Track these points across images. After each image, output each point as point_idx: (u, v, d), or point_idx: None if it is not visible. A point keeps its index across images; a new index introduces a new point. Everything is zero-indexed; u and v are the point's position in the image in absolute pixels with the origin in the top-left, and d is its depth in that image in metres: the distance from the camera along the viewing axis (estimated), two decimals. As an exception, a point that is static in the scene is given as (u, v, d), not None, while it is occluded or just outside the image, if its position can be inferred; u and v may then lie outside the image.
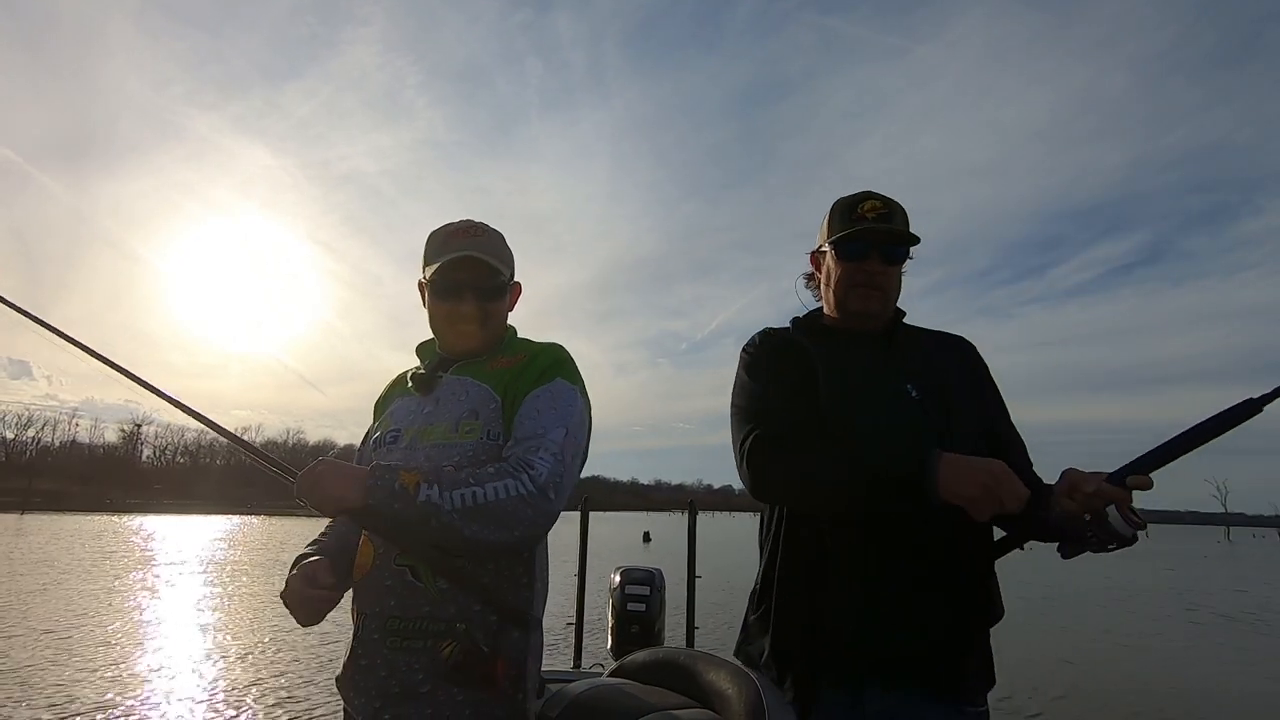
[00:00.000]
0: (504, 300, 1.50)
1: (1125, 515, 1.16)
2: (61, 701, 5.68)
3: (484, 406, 1.37)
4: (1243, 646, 9.99)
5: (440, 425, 1.37)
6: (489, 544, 1.20)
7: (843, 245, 1.51)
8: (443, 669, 1.22)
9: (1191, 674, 8.11)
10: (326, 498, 1.20)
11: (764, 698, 1.09)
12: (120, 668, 6.89)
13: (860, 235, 1.49)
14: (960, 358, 1.57)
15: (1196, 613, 13.35)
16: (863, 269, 1.49)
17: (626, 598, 3.35)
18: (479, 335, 1.46)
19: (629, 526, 48.04)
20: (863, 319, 1.54)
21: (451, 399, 1.40)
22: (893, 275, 1.52)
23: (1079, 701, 6.74)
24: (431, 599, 1.25)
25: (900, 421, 1.40)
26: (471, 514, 1.18)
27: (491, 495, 1.19)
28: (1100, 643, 9.80)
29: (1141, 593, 16.87)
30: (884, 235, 1.49)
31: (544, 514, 1.23)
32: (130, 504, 62.48)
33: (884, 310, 1.54)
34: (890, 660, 1.29)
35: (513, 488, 1.20)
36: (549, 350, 1.47)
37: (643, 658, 1.37)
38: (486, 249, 1.45)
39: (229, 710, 5.65)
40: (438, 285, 1.44)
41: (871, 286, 1.50)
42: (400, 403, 1.49)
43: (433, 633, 1.24)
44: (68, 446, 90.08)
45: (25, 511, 48.33)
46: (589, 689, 1.25)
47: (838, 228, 1.53)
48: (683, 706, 1.18)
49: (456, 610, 1.25)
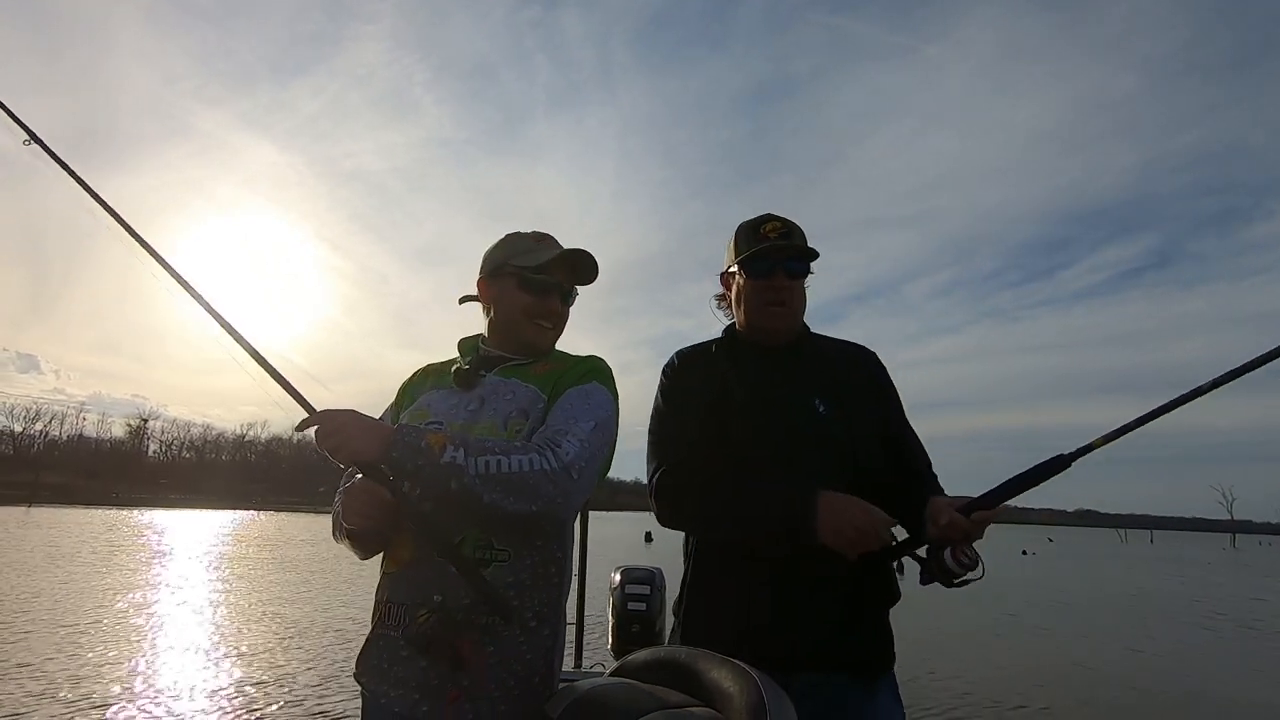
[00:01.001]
0: (570, 306, 1.56)
1: (956, 557, 1.33)
2: (83, 696, 5.71)
3: (533, 406, 1.40)
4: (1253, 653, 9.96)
5: (487, 422, 1.38)
6: (508, 513, 1.22)
7: (749, 264, 1.63)
8: (413, 636, 1.22)
9: (1211, 682, 8.07)
10: (346, 444, 1.19)
11: (766, 696, 1.09)
12: (143, 663, 6.92)
13: (764, 254, 1.60)
14: (862, 368, 1.70)
15: (1220, 621, 13.31)
16: (770, 285, 1.61)
17: (627, 597, 3.35)
18: (552, 335, 1.52)
19: (631, 526, 48.05)
20: (772, 334, 1.65)
21: (497, 399, 1.42)
22: (797, 290, 1.63)
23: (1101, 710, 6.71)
24: (467, 605, 1.25)
25: (807, 432, 1.55)
26: (494, 481, 1.19)
27: (515, 466, 1.21)
28: (1114, 651, 9.71)
29: (1156, 598, 16.80)
30: (786, 252, 1.60)
31: (565, 491, 1.24)
32: (136, 498, 62.81)
33: (792, 324, 1.66)
34: (811, 650, 1.44)
35: (537, 462, 1.22)
36: (592, 361, 1.51)
37: (644, 656, 1.36)
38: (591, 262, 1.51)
39: (241, 706, 5.67)
40: (534, 279, 1.48)
41: (777, 303, 1.61)
42: (437, 395, 1.49)
43: (478, 625, 1.25)
44: (75, 440, 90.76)
45: (32, 505, 48.63)
46: (590, 688, 1.25)
47: (743, 248, 1.64)
48: (685, 705, 1.18)
49: (426, 609, 1.25)
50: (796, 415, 1.56)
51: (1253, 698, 7.34)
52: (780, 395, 1.59)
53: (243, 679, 6.43)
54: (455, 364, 1.54)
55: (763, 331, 1.65)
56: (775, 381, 1.60)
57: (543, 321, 1.50)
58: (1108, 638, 10.72)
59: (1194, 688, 7.68)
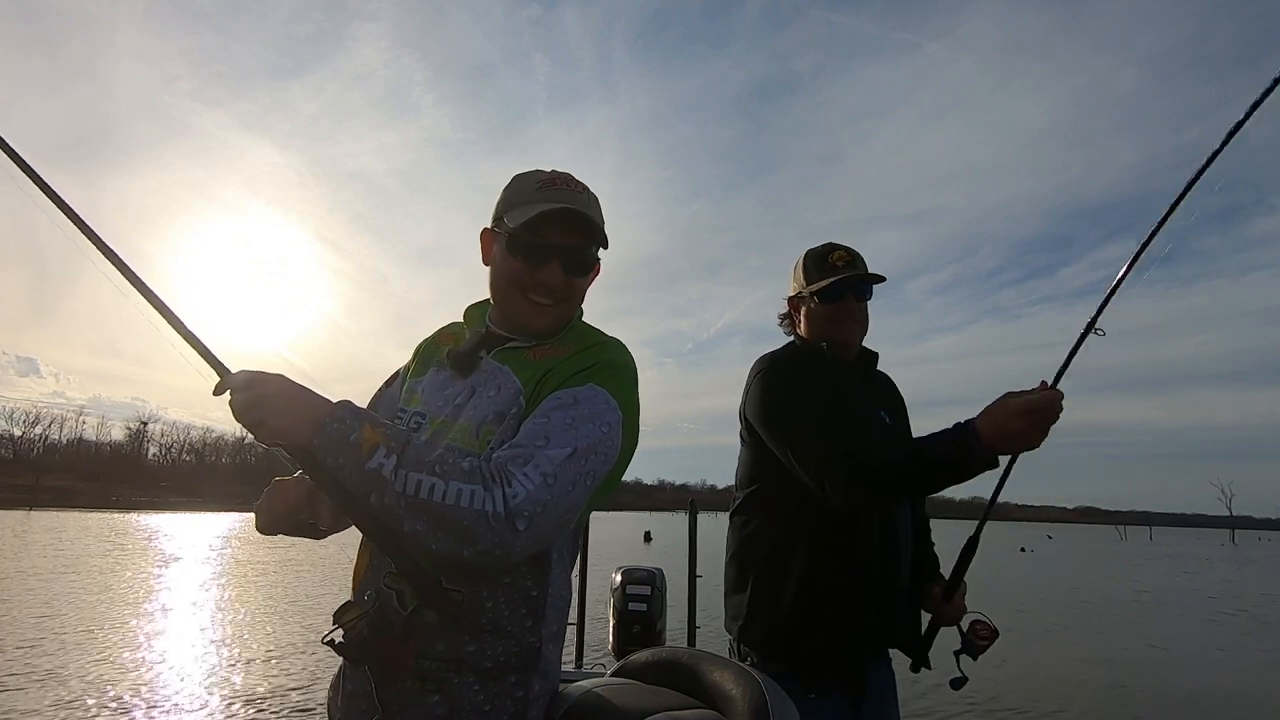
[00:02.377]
0: (589, 277, 1.25)
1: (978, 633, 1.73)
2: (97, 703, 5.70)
3: (507, 412, 1.13)
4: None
5: (463, 425, 1.15)
6: (432, 553, 0.96)
7: (824, 293, 1.78)
8: (345, 641, 1.03)
9: (1244, 680, 8.05)
10: (269, 419, 0.98)
11: (768, 697, 1.08)
12: (149, 673, 6.91)
13: (839, 284, 1.76)
14: (898, 393, 1.96)
15: (1234, 616, 13.28)
16: (842, 308, 1.77)
17: (628, 598, 3.34)
18: (554, 313, 1.21)
19: (631, 526, 48.02)
20: (844, 347, 1.81)
21: (482, 396, 1.17)
22: (864, 312, 1.82)
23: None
24: (418, 634, 1.05)
25: (884, 437, 1.72)
26: (419, 509, 0.94)
27: (450, 497, 0.93)
28: (1139, 650, 9.61)
29: (1171, 596, 16.79)
30: (858, 279, 1.77)
31: (501, 544, 0.95)
32: (136, 501, 62.79)
33: (860, 339, 1.83)
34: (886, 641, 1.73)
35: (479, 499, 0.94)
36: (605, 347, 1.20)
37: (645, 657, 1.36)
38: (590, 207, 1.20)
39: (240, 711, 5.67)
40: (521, 241, 1.18)
41: (853, 320, 1.79)
42: (435, 378, 1.26)
43: (420, 672, 1.05)
44: (75, 444, 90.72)
45: (33, 508, 48.60)
46: (591, 689, 1.24)
47: (815, 277, 1.80)
48: (686, 707, 1.17)
49: (445, 649, 1.05)
50: (874, 423, 1.74)
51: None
52: (860, 403, 1.75)
53: (249, 690, 6.43)
54: (464, 333, 1.30)
55: (837, 345, 1.80)
56: (854, 390, 1.77)
57: (538, 297, 1.19)
58: (1129, 636, 10.61)
59: (1232, 687, 7.59)
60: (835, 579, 1.62)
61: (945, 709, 6.23)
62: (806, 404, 1.65)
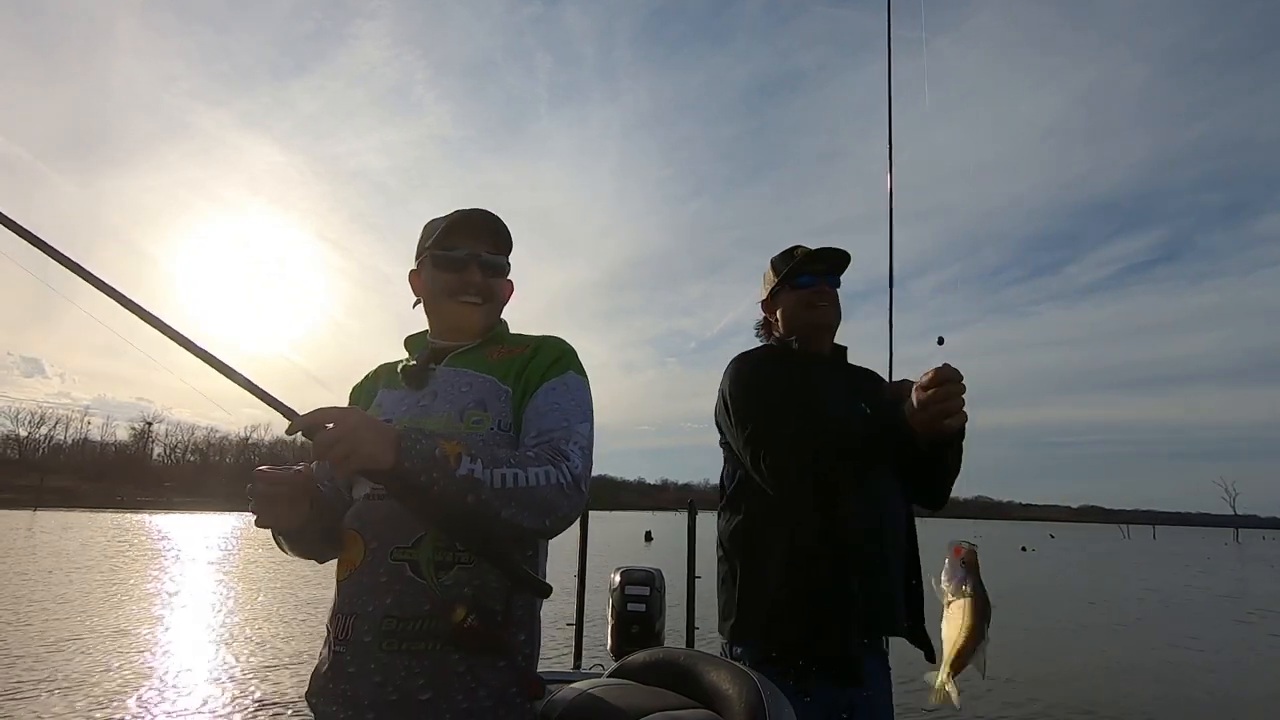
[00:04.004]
0: (504, 280, 1.44)
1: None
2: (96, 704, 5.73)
3: (492, 398, 1.30)
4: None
5: (440, 416, 1.27)
6: (523, 529, 1.14)
7: (793, 279, 1.85)
8: (452, 634, 1.12)
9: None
10: (358, 450, 1.04)
11: (764, 698, 1.09)
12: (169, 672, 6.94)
13: (800, 269, 1.83)
14: (876, 382, 1.87)
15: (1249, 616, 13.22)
16: (815, 291, 1.82)
17: (626, 598, 3.35)
18: (481, 313, 1.39)
19: (631, 526, 48.05)
20: (820, 333, 1.84)
21: (451, 391, 1.31)
22: (837, 298, 1.85)
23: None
24: (434, 596, 1.14)
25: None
26: (512, 496, 1.11)
27: (534, 480, 1.13)
28: (1165, 651, 9.43)
29: (1190, 596, 16.73)
30: (824, 263, 1.83)
31: (576, 506, 1.19)
32: (141, 501, 62.95)
33: (835, 324, 1.86)
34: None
35: (554, 475, 1.15)
36: (555, 342, 1.40)
37: (643, 658, 1.36)
38: (494, 219, 1.39)
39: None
40: (440, 256, 1.37)
41: (828, 303, 1.82)
42: (388, 395, 1.38)
43: (436, 633, 1.13)
44: (80, 444, 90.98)
45: (38, 508, 48.76)
46: (589, 689, 1.25)
47: (782, 269, 1.87)
48: (683, 707, 1.18)
49: (464, 606, 1.14)
50: (853, 410, 1.74)
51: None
52: (836, 395, 1.75)
53: (253, 694, 6.45)
54: (401, 361, 1.44)
55: (812, 329, 1.83)
56: (829, 385, 1.77)
57: (466, 297, 1.37)
58: (1152, 637, 10.43)
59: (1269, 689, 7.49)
60: (816, 562, 1.60)
61: (967, 710, 6.19)
62: (761, 395, 1.71)
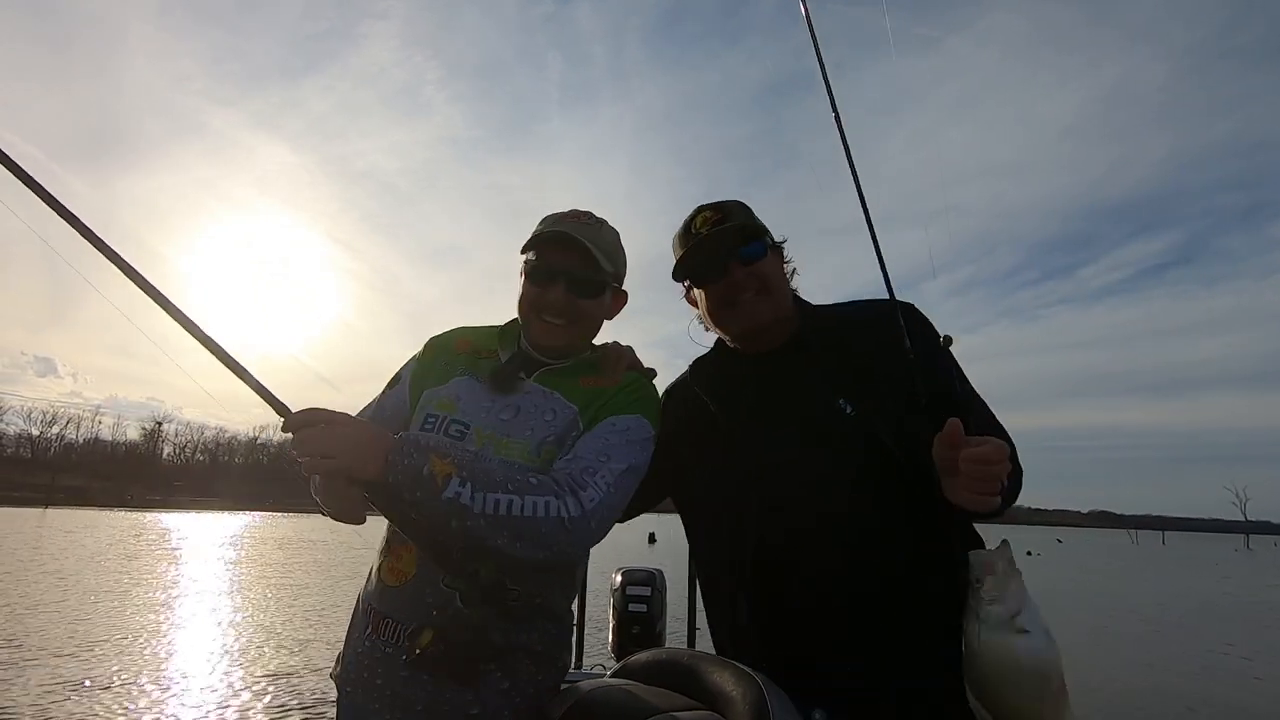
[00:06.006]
0: (601, 300, 1.35)
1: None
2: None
3: (567, 434, 1.25)
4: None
5: (520, 441, 1.24)
6: (516, 559, 1.09)
7: (691, 271, 1.40)
8: (414, 658, 1.12)
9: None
10: (336, 457, 1.01)
11: (768, 699, 1.07)
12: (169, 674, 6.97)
13: (694, 252, 1.37)
14: (890, 331, 1.26)
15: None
16: (729, 284, 1.36)
17: (627, 598, 3.35)
18: (565, 333, 1.32)
19: (635, 527, 48.01)
20: (758, 335, 1.40)
21: (535, 413, 1.27)
22: (761, 274, 1.36)
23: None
24: (477, 626, 1.14)
25: (828, 446, 1.29)
26: (502, 524, 1.05)
27: (528, 510, 1.07)
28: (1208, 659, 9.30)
29: (1215, 603, 16.56)
30: (728, 239, 1.34)
31: (581, 542, 1.13)
32: (151, 500, 63.30)
33: (774, 313, 1.38)
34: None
35: (554, 508, 1.08)
36: (642, 385, 1.34)
37: (645, 658, 1.35)
38: (589, 236, 1.29)
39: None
40: (531, 266, 1.32)
41: (750, 293, 1.35)
42: (469, 387, 1.32)
43: (481, 658, 1.16)
44: (91, 443, 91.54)
45: (49, 506, 49.12)
46: (592, 689, 1.24)
47: (679, 254, 1.40)
48: (686, 708, 1.16)
49: (502, 638, 1.17)
50: (814, 426, 1.30)
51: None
52: (792, 409, 1.34)
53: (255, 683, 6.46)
54: (493, 348, 1.38)
55: (746, 336, 1.41)
56: (784, 391, 1.36)
57: (549, 317, 1.31)
58: (1191, 645, 10.21)
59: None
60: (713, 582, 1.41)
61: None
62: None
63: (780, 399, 1.36)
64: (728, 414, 1.38)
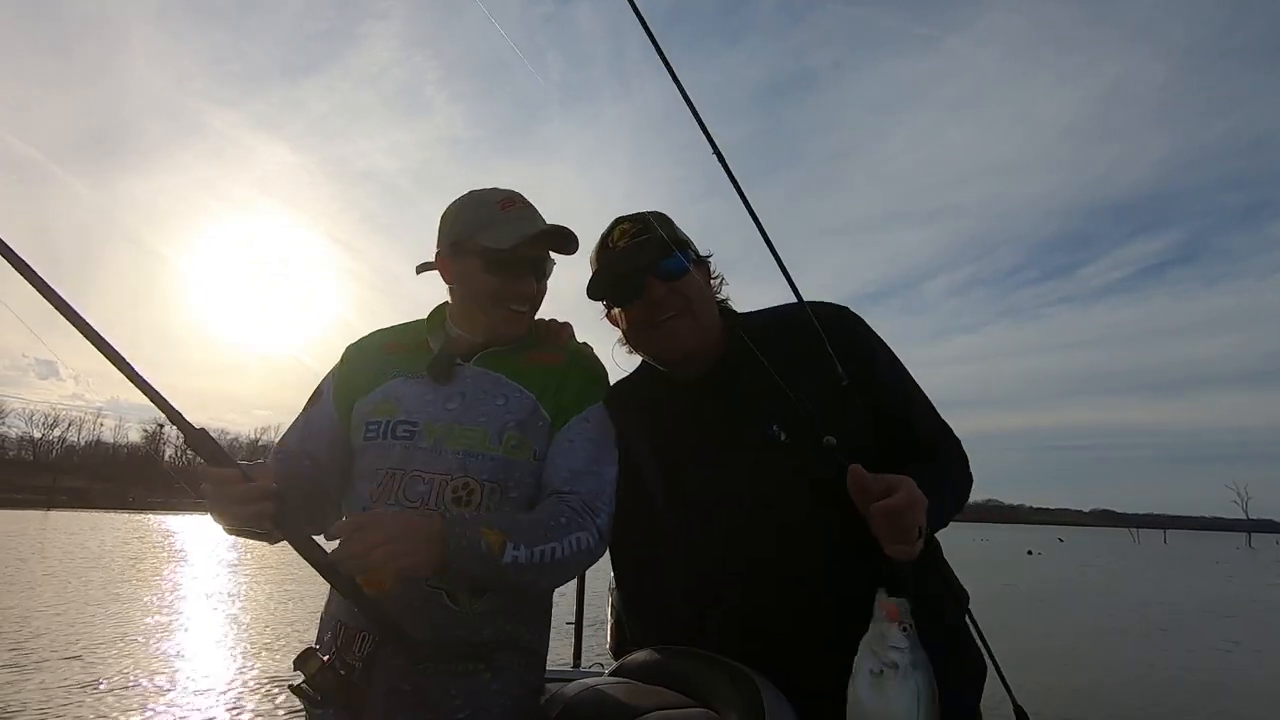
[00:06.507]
0: (546, 283, 1.37)
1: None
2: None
3: (531, 423, 1.26)
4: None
5: (474, 428, 1.24)
6: (543, 590, 1.22)
7: (607, 289, 1.32)
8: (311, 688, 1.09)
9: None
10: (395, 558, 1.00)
11: (764, 698, 1.08)
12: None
13: (609, 267, 1.29)
14: (824, 343, 1.17)
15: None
16: (649, 303, 1.26)
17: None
18: (529, 317, 1.34)
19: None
20: (682, 360, 1.31)
21: (484, 398, 1.27)
22: (683, 292, 1.26)
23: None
24: (467, 625, 1.19)
25: (768, 476, 1.22)
26: (548, 569, 1.13)
27: (569, 549, 1.14)
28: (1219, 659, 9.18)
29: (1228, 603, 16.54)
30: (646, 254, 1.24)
31: (597, 559, 1.22)
32: (152, 502, 63.28)
33: (697, 335, 1.28)
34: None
35: (582, 541, 1.16)
36: (589, 363, 1.38)
37: (642, 658, 1.35)
38: (542, 221, 1.30)
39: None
40: (501, 258, 1.25)
41: (673, 316, 1.26)
42: (405, 386, 1.30)
43: (470, 656, 1.18)
44: (92, 445, 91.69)
45: (50, 509, 49.13)
46: (589, 688, 1.24)
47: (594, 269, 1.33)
48: (682, 706, 1.17)
49: (491, 633, 1.20)
50: (743, 459, 1.23)
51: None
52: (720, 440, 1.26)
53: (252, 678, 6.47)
54: (421, 341, 1.35)
55: (668, 362, 1.33)
56: (713, 419, 1.27)
57: (516, 306, 1.30)
58: (1193, 644, 10.10)
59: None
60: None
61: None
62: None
63: (708, 431, 1.28)
64: (655, 445, 1.33)
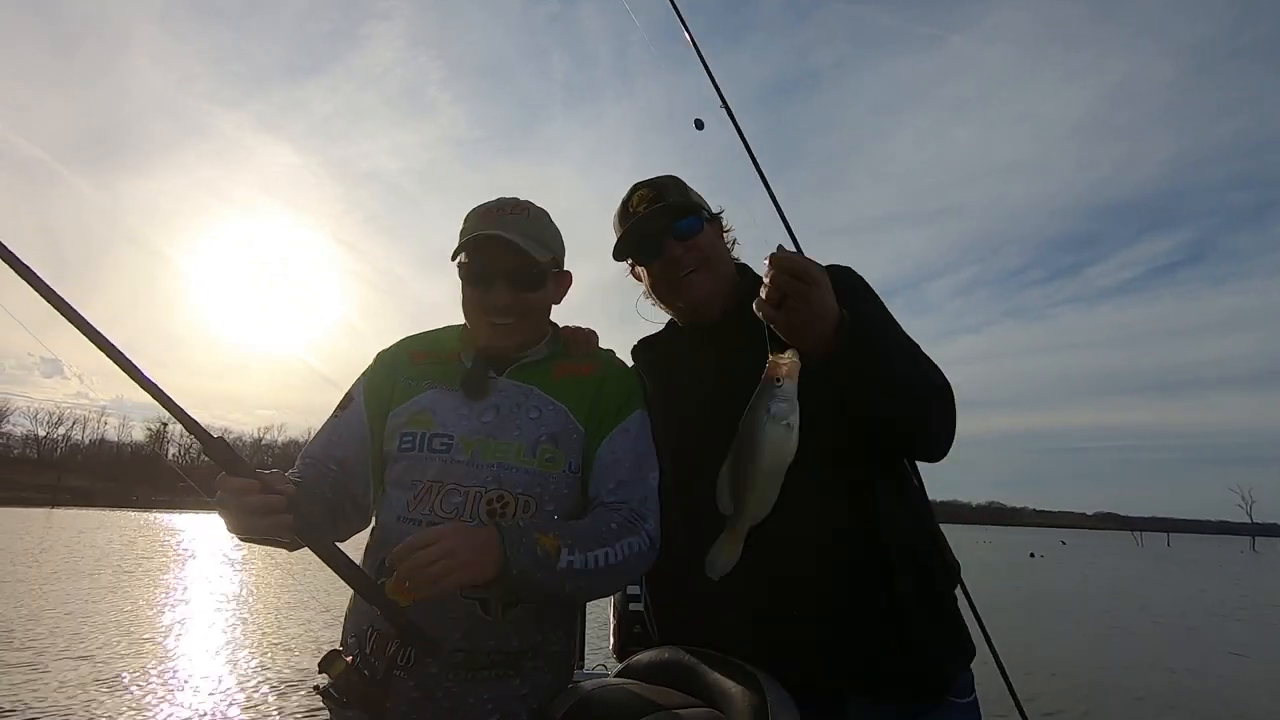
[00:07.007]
0: (544, 289, 1.32)
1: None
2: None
3: (565, 435, 1.27)
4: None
5: (509, 443, 1.24)
6: (598, 596, 1.24)
7: (630, 251, 1.44)
8: (335, 690, 1.08)
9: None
10: (454, 572, 1.01)
11: (769, 697, 1.08)
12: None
13: (631, 232, 1.40)
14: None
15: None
16: (668, 261, 1.39)
17: (628, 598, 3.34)
18: (516, 330, 1.31)
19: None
20: (702, 309, 1.41)
21: (518, 412, 1.27)
22: (698, 248, 1.38)
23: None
24: (499, 633, 1.20)
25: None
26: (603, 574, 1.15)
27: (622, 555, 1.16)
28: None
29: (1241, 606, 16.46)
30: (665, 216, 1.37)
31: (650, 564, 1.23)
32: (156, 501, 63.43)
33: (713, 285, 1.39)
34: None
35: (635, 545, 1.19)
36: (620, 373, 1.38)
37: (648, 658, 1.36)
38: (519, 229, 1.26)
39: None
40: (466, 269, 1.29)
41: (691, 270, 1.37)
42: (439, 398, 1.30)
43: (500, 663, 1.20)
44: (97, 444, 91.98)
45: (54, 507, 49.26)
46: (594, 689, 1.25)
47: (617, 234, 1.44)
48: (687, 706, 1.17)
49: (520, 641, 1.22)
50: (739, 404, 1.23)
51: None
52: (733, 384, 1.22)
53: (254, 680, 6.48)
54: (453, 352, 1.35)
55: (690, 311, 1.44)
56: (730, 367, 1.27)
57: (496, 319, 1.28)
58: (1198, 647, 10.04)
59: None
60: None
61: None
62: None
63: (716, 376, 1.32)
64: (667, 397, 1.40)
